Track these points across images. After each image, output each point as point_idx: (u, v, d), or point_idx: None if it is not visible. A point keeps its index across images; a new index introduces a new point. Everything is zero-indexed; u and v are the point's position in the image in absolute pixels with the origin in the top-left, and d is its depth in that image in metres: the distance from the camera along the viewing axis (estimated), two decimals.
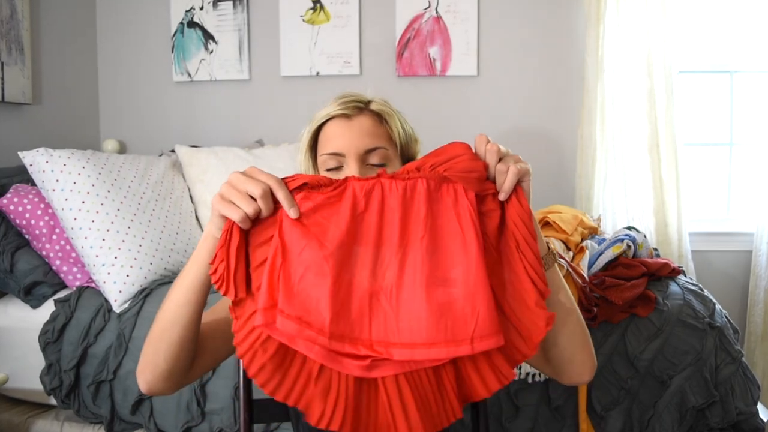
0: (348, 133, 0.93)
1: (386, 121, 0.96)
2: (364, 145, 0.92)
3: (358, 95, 0.97)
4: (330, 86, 2.75)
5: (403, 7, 2.70)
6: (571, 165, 2.64)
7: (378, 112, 0.96)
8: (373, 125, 0.94)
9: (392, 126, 0.96)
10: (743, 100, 2.65)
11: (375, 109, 0.96)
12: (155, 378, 0.82)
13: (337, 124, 0.94)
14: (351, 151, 0.92)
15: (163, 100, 2.86)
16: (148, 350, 0.82)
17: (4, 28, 2.20)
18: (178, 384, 0.85)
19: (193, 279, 0.79)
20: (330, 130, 0.95)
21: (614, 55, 2.49)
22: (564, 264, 1.65)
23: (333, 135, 0.94)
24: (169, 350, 0.80)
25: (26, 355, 1.83)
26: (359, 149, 0.92)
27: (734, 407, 1.49)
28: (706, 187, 2.72)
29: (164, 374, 0.82)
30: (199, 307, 0.81)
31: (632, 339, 1.55)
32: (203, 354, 0.87)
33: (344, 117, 0.94)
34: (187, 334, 0.81)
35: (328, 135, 0.95)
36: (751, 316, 2.53)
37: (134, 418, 1.73)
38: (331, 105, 0.97)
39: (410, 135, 0.99)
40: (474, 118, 2.73)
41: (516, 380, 1.52)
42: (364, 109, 0.96)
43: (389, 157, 0.94)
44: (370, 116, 0.95)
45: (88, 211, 1.84)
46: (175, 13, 2.80)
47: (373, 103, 0.97)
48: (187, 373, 0.85)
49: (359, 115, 0.95)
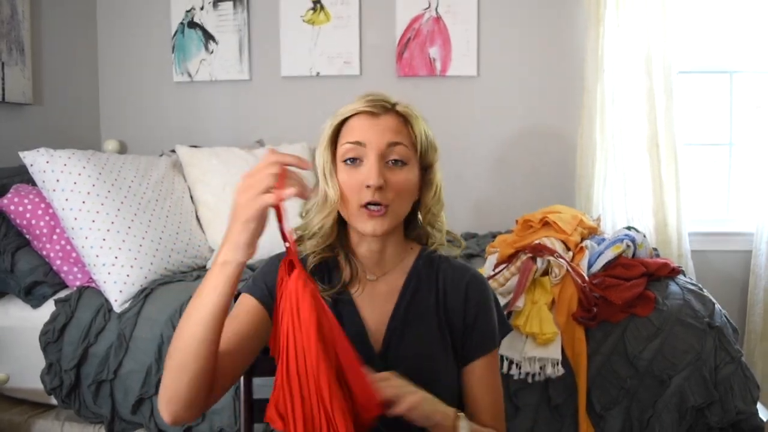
0: (372, 128, 0.94)
1: (411, 124, 0.97)
2: (387, 138, 0.93)
3: (384, 96, 0.98)
4: (330, 86, 2.75)
5: (403, 7, 2.70)
6: (571, 165, 2.64)
7: (403, 114, 0.97)
8: (397, 125, 0.95)
9: (416, 129, 0.96)
10: (743, 100, 2.65)
11: (401, 111, 0.97)
12: (180, 409, 0.80)
13: (363, 119, 0.95)
14: (373, 144, 0.93)
15: (164, 101, 2.87)
16: (168, 381, 0.80)
17: (5, 28, 2.20)
18: (202, 409, 0.83)
19: (213, 309, 0.77)
20: (355, 123, 0.95)
21: (614, 55, 2.49)
22: (564, 264, 1.65)
23: (358, 127, 0.95)
24: (192, 381, 0.78)
25: (27, 355, 1.83)
26: (381, 144, 0.93)
27: (734, 407, 1.49)
28: (706, 187, 2.72)
29: (188, 403, 0.80)
30: (218, 335, 0.79)
31: (632, 339, 1.55)
32: (224, 375, 0.86)
33: (370, 114, 0.95)
34: (206, 362, 0.79)
35: (353, 127, 0.95)
36: (750, 315, 2.53)
37: (135, 418, 1.73)
38: (357, 102, 0.97)
39: (431, 142, 0.99)
40: (474, 118, 2.73)
41: (516, 380, 1.52)
42: (390, 110, 0.97)
43: (409, 157, 0.95)
44: (395, 117, 0.96)
45: (89, 211, 1.84)
46: (176, 14, 2.80)
47: (399, 106, 0.98)
48: (208, 398, 0.84)
49: (385, 114, 0.96)
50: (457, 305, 1.00)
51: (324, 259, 1.01)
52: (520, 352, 1.51)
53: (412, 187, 0.96)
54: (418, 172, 0.98)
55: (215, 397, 0.86)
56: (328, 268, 1.02)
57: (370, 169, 0.92)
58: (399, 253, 1.03)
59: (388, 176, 0.93)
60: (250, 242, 0.76)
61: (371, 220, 0.93)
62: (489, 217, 2.69)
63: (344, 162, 0.95)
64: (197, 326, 0.77)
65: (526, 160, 2.73)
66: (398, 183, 0.94)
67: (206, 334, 0.77)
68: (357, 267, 1.02)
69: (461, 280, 1.02)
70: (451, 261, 1.05)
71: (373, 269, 1.02)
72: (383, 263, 1.02)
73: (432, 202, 1.01)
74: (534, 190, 2.69)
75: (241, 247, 0.76)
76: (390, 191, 0.93)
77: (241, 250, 0.76)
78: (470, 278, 1.02)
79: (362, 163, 0.93)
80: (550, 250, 1.68)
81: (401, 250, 1.04)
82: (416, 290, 1.01)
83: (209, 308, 0.77)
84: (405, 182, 0.95)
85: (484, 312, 1.01)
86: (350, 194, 0.94)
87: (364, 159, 0.93)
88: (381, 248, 1.01)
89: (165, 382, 0.81)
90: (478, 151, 2.70)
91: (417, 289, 1.01)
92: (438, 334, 0.99)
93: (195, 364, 0.78)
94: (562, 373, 1.51)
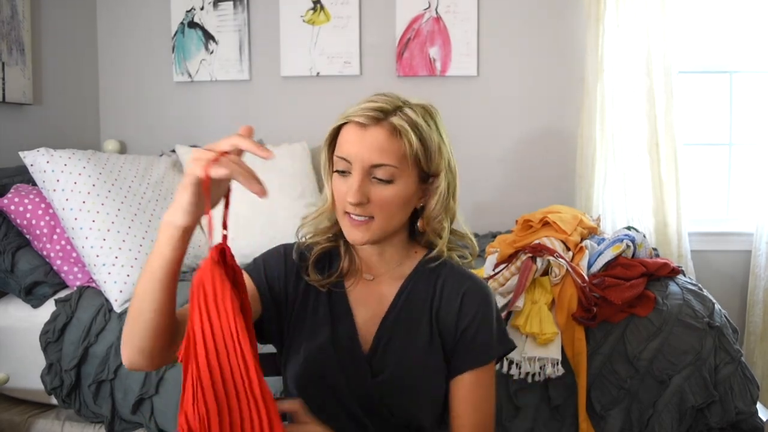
0: (358, 144, 0.92)
1: (401, 135, 0.92)
2: (371, 159, 0.91)
3: (385, 101, 0.93)
4: (330, 86, 2.75)
5: (403, 7, 2.70)
6: (571, 165, 2.64)
7: (397, 126, 0.92)
8: (386, 140, 0.91)
9: (406, 141, 0.92)
10: (742, 100, 2.66)
11: (395, 123, 0.92)
12: (132, 353, 0.82)
13: (352, 130, 0.93)
14: (357, 163, 0.92)
15: (164, 101, 2.87)
16: (125, 328, 0.83)
17: (5, 28, 2.20)
18: (157, 361, 0.85)
19: (158, 266, 0.78)
20: (345, 135, 0.94)
21: (614, 55, 2.49)
22: (564, 264, 1.65)
23: (346, 140, 0.94)
24: (143, 332, 0.80)
25: (27, 355, 1.84)
26: (365, 163, 0.92)
27: (733, 407, 1.49)
28: (706, 187, 2.72)
29: (141, 351, 0.82)
30: (168, 292, 0.80)
31: (632, 339, 1.55)
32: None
33: (359, 125, 0.93)
34: (159, 318, 0.80)
35: (344, 138, 0.94)
36: (750, 315, 2.53)
37: (135, 418, 1.73)
38: (356, 105, 0.94)
39: (434, 150, 0.95)
40: (474, 118, 2.73)
41: (516, 380, 1.52)
42: (382, 121, 0.92)
43: (396, 175, 0.93)
44: (386, 129, 0.92)
45: (89, 211, 1.84)
46: (176, 14, 2.80)
47: (396, 116, 0.93)
48: (167, 352, 0.84)
49: (375, 126, 0.92)
50: (450, 314, 0.98)
51: (327, 249, 1.02)
52: (519, 352, 1.51)
53: (400, 201, 0.94)
54: (413, 182, 0.95)
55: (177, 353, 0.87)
56: (330, 259, 1.03)
57: (351, 186, 0.92)
58: (399, 257, 1.02)
59: (372, 192, 0.92)
60: (189, 209, 0.74)
61: (353, 229, 0.94)
62: (489, 217, 2.69)
63: (336, 171, 0.96)
64: (147, 282, 0.79)
65: (526, 160, 2.73)
66: (382, 199, 0.92)
67: (154, 288, 0.78)
68: (356, 261, 1.03)
69: (458, 288, 0.99)
70: (454, 268, 1.02)
71: (371, 269, 1.03)
72: (381, 265, 1.02)
73: (435, 211, 0.98)
74: (534, 190, 2.69)
75: (180, 210, 0.75)
76: (373, 206, 0.93)
77: (180, 213, 0.75)
78: (468, 287, 0.99)
79: (350, 174, 0.93)
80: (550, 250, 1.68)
81: (402, 255, 1.03)
82: (410, 297, 1.00)
83: (154, 264, 0.78)
84: (390, 198, 0.93)
85: (478, 324, 0.97)
86: (338, 200, 0.95)
87: (351, 171, 0.93)
88: (379, 251, 1.01)
89: (124, 326, 0.84)
90: (478, 151, 2.70)
91: (412, 296, 1.00)
92: (428, 344, 0.97)
93: (147, 315, 0.80)
94: (562, 373, 1.51)
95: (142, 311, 0.80)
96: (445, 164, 0.98)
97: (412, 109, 0.94)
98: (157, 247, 0.78)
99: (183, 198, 0.74)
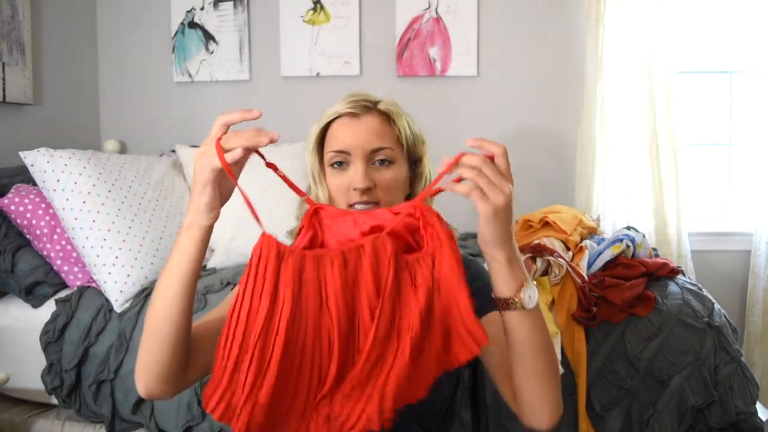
0: (355, 132, 0.94)
1: (393, 121, 0.97)
2: (371, 144, 0.94)
3: (366, 95, 0.99)
4: (330, 86, 2.75)
5: (403, 7, 2.70)
6: (571, 165, 2.64)
7: (385, 111, 0.97)
8: (380, 125, 0.96)
9: (399, 126, 0.97)
10: (742, 100, 2.66)
11: (383, 108, 0.98)
12: (151, 380, 0.81)
13: (345, 122, 0.96)
14: (357, 150, 0.94)
15: (164, 101, 2.87)
16: (141, 352, 0.81)
17: (5, 28, 2.20)
18: (175, 386, 0.83)
19: (181, 272, 0.78)
20: (337, 128, 0.96)
21: (614, 55, 2.49)
22: (564, 264, 1.65)
23: (340, 133, 0.96)
24: (161, 349, 0.79)
25: (27, 355, 1.84)
26: (365, 148, 0.94)
27: (733, 407, 1.49)
28: (706, 187, 2.72)
29: (160, 376, 0.80)
30: (188, 300, 0.79)
31: (632, 339, 1.55)
32: (198, 353, 0.85)
33: (352, 115, 0.96)
34: (177, 331, 0.79)
35: (336, 133, 0.96)
36: (750, 315, 2.53)
37: (135, 418, 1.74)
38: (340, 103, 0.98)
39: (417, 136, 1.00)
40: (474, 118, 2.73)
41: None
42: (372, 109, 0.97)
43: (395, 157, 0.96)
44: (378, 116, 0.97)
45: (89, 211, 1.84)
46: (176, 14, 2.80)
47: (381, 104, 0.98)
48: (184, 374, 0.83)
49: (367, 114, 0.96)
50: None
51: None
52: None
53: (400, 183, 0.97)
54: (406, 167, 0.99)
55: (193, 376, 0.85)
56: None
57: (356, 172, 0.93)
58: None
59: (376, 176, 0.94)
60: (211, 206, 0.76)
61: None
62: None
63: (331, 166, 0.96)
64: (168, 290, 0.78)
65: (526, 160, 2.73)
66: (386, 182, 0.95)
67: (177, 298, 0.78)
68: None
69: None
70: None
71: None
72: None
73: None
74: (534, 190, 2.69)
75: (202, 210, 0.76)
76: (379, 190, 0.94)
77: (202, 213, 0.76)
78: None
79: (348, 166, 0.95)
80: (550, 250, 1.68)
81: None
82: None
83: (177, 271, 0.78)
84: (393, 180, 0.96)
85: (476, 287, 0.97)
86: (338, 196, 0.96)
87: (350, 162, 0.95)
88: None
89: (140, 352, 0.82)
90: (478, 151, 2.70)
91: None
92: None
93: (167, 330, 0.78)
94: (562, 373, 1.51)
95: (164, 325, 0.79)
96: (426, 150, 1.02)
97: (390, 102, 1.00)
98: (180, 250, 0.78)
99: (203, 198, 0.76)
